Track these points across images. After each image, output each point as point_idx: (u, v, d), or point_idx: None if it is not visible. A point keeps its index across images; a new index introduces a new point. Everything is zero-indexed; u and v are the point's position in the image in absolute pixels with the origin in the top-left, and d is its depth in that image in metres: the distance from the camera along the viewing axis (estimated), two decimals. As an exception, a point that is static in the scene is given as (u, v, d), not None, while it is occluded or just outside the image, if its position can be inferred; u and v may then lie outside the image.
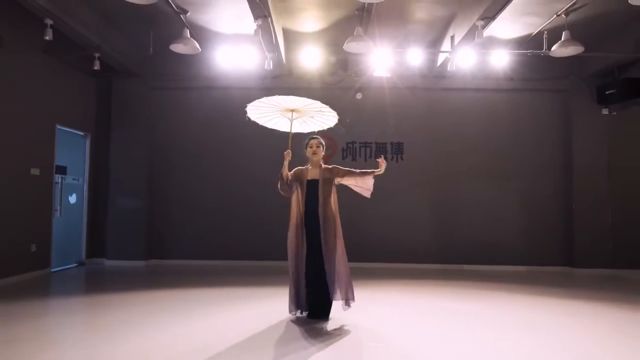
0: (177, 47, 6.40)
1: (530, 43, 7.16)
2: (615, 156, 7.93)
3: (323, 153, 4.58)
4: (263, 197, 8.18)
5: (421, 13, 6.69)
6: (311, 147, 4.54)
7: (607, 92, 7.47)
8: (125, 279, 6.70)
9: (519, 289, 6.21)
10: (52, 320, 4.46)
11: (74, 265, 7.63)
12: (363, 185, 4.56)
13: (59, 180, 7.22)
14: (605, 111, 7.90)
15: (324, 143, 4.62)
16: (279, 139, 8.34)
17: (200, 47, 6.68)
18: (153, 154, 8.24)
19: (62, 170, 7.33)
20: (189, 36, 6.36)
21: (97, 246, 8.00)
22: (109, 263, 7.91)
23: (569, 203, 8.03)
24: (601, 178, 7.93)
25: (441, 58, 7.59)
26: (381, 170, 4.49)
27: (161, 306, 4.88)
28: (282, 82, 8.22)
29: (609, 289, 6.30)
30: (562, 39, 6.22)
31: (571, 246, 7.92)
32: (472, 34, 6.20)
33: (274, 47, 6.88)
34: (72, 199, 7.70)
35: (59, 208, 7.13)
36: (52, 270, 6.96)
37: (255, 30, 5.87)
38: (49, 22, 5.63)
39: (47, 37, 5.65)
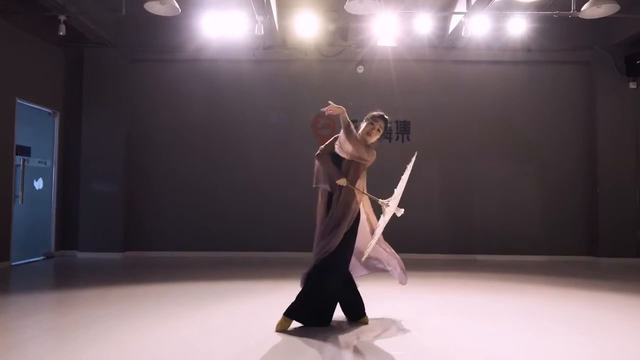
0: (153, 7, 5.54)
1: (553, 6, 6.36)
2: (643, 135, 7.20)
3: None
4: (257, 181, 7.38)
5: (433, -31, 5.89)
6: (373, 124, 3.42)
7: (638, 62, 6.71)
8: (96, 273, 5.89)
9: (541, 280, 5.52)
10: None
11: (41, 258, 6.77)
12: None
13: (21, 163, 6.34)
14: (633, 85, 7.15)
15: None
16: (275, 113, 7.57)
17: (183, 11, 5.80)
18: (132, 135, 7.37)
19: (24, 151, 6.46)
20: (166, -7, 5.49)
21: (68, 237, 7.14)
22: (81, 255, 7.07)
23: (592, 187, 7.29)
24: (628, 159, 7.19)
25: (453, 25, 6.78)
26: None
27: (132, 304, 4.08)
28: (274, 53, 7.39)
29: (637, 280, 5.61)
30: (595, -4, 5.45)
31: (595, 234, 7.19)
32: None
33: (265, 9, 6.03)
34: (38, 184, 6.83)
35: (20, 194, 6.26)
36: (13, 264, 6.10)
37: (243, -17, 5.02)
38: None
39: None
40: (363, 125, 3.50)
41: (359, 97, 7.29)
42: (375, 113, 3.50)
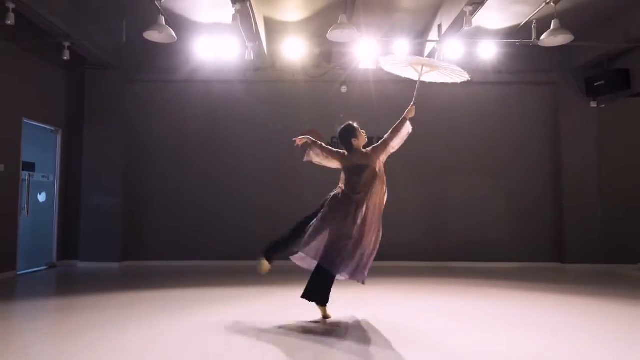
0: (152, 35, 6.05)
1: (519, 33, 6.97)
2: (604, 150, 7.80)
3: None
4: (248, 194, 7.87)
5: (407, 1, 6.47)
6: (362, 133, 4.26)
7: (595, 84, 7.34)
8: (95, 281, 6.31)
9: (511, 285, 6.02)
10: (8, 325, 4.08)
11: (44, 267, 7.20)
12: (402, 138, 4.32)
13: (26, 178, 6.80)
14: (594, 104, 7.77)
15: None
16: (264, 133, 8.10)
17: (178, 36, 6.33)
18: (130, 150, 7.85)
19: (29, 167, 6.91)
20: (164, 23, 6.01)
21: (69, 247, 7.57)
22: (81, 265, 7.49)
23: (559, 199, 7.87)
24: (591, 173, 7.78)
25: (428, 49, 7.37)
26: (412, 112, 4.38)
27: (128, 310, 4.53)
28: (264, 74, 7.93)
29: (601, 284, 6.15)
30: (552, 27, 6.05)
31: (561, 242, 7.76)
32: (459, 22, 5.99)
33: (255, 36, 6.58)
34: (42, 197, 7.28)
35: (25, 207, 6.70)
36: (19, 273, 6.52)
37: (234, 16, 5.56)
38: (10, 5, 5.24)
39: (9, 22, 5.27)
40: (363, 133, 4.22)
41: (343, 115, 7.87)
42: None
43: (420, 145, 7.94)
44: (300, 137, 4.25)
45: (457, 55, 7.11)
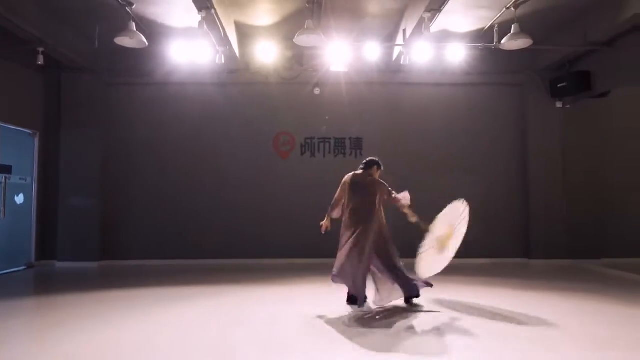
0: (123, 41, 6.20)
1: (484, 37, 7.19)
2: (569, 149, 8.05)
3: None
4: (226, 194, 8.05)
5: (374, 6, 6.65)
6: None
7: (559, 86, 7.57)
8: (73, 281, 6.48)
9: (479, 280, 6.26)
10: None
11: (23, 268, 7.35)
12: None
13: (2, 180, 6.93)
14: (559, 104, 8.00)
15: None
16: (240, 131, 8.25)
17: (153, 40, 6.47)
18: (108, 152, 8.01)
19: (6, 169, 7.04)
20: (134, 29, 6.17)
21: (48, 248, 7.72)
22: (60, 265, 7.65)
23: (526, 196, 8.12)
24: (556, 171, 8.03)
25: (397, 52, 7.56)
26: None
27: (104, 307, 4.72)
28: (238, 77, 8.09)
29: (561, 279, 6.40)
30: (512, 31, 6.27)
31: (528, 239, 8.01)
32: (421, 27, 6.18)
33: (224, 40, 6.74)
34: (20, 199, 7.41)
35: (2, 209, 6.85)
36: (-4, 273, 6.69)
37: (200, 23, 5.73)
38: (-19, 14, 5.38)
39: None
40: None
41: (316, 116, 8.11)
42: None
43: (393, 145, 8.15)
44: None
45: (425, 59, 7.32)
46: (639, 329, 3.95)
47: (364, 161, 5.02)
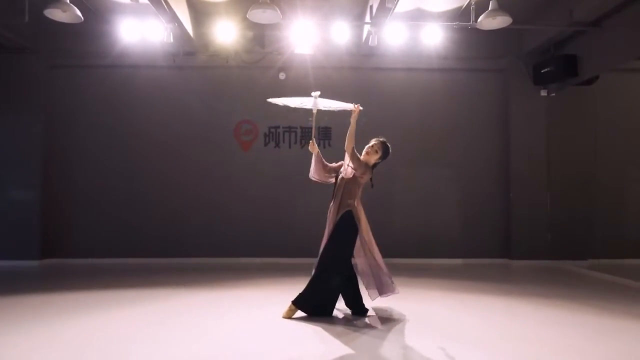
0: (54, 14, 5.50)
1: (461, 17, 6.56)
2: (553, 142, 7.44)
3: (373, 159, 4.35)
4: (179, 183, 7.40)
5: (338, -20, 6.01)
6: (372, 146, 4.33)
7: (543, 71, 6.95)
8: (8, 281, 5.84)
9: (459, 282, 5.66)
10: None
11: (-48, 267, 6.68)
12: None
13: None
14: (544, 92, 7.39)
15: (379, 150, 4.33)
16: (200, 118, 7.58)
17: (101, 18, 5.77)
18: (51, 140, 7.31)
19: None
20: (67, 1, 5.48)
21: (-19, 245, 7.05)
22: (-5, 264, 6.99)
23: (507, 192, 7.51)
24: (539, 165, 7.42)
25: (366, 32, 6.91)
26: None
27: (42, 310, 4.08)
28: (195, 59, 7.42)
29: (544, 281, 5.81)
30: (489, 8, 5.64)
31: (508, 238, 7.41)
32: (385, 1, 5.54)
33: (172, 17, 6.07)
34: (-51, 191, 6.74)
35: None
36: None
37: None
38: None
39: None
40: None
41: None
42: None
43: (360, 137, 7.49)
44: None
45: (397, 41, 6.68)
46: (609, 342, 3.35)
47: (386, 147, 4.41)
